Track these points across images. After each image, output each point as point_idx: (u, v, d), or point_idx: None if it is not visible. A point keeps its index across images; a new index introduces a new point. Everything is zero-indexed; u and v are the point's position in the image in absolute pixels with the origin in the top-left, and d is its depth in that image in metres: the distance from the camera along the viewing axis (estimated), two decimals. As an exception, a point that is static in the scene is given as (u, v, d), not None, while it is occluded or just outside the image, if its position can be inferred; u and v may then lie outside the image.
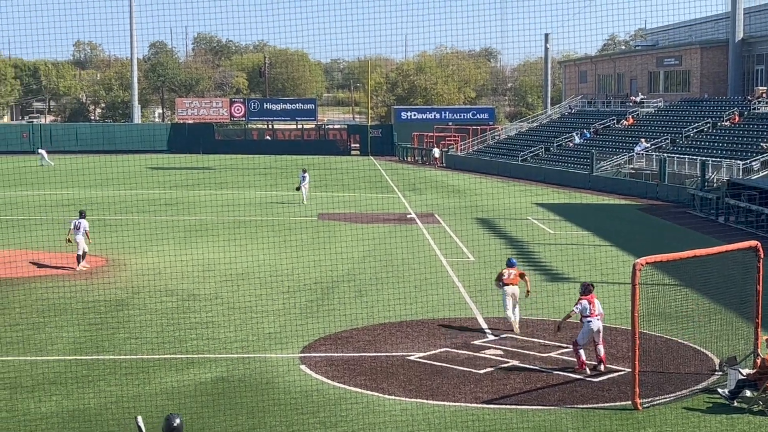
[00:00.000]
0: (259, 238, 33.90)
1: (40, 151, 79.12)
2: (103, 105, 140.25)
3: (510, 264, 21.06)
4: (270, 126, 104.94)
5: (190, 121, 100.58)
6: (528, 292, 20.95)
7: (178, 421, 10.38)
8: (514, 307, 20.40)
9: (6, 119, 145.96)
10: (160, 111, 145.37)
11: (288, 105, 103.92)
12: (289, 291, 24.73)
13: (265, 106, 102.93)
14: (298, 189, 47.21)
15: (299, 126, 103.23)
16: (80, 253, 27.87)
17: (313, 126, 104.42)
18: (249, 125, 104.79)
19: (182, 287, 25.09)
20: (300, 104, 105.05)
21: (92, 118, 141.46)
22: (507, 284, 20.36)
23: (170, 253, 29.72)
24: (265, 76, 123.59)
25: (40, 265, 28.38)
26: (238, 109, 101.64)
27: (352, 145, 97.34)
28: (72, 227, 28.17)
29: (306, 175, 47.21)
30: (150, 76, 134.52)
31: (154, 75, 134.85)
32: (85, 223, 28.08)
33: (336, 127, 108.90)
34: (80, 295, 23.94)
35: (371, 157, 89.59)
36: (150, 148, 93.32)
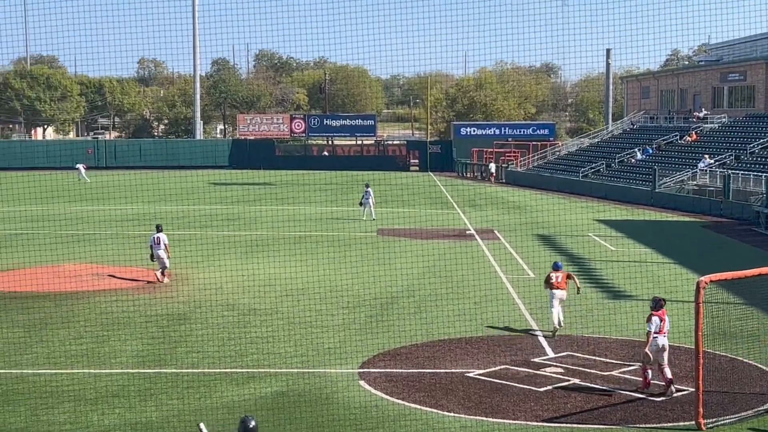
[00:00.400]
0: (318, 254, 34.08)
1: (77, 166, 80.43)
2: (166, 121, 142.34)
3: (556, 267, 22.04)
4: (330, 142, 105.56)
5: (251, 137, 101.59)
6: (579, 289, 22.36)
7: (253, 423, 10.71)
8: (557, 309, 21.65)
9: (72, 135, 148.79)
10: (222, 127, 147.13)
11: (348, 121, 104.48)
12: (348, 306, 24.78)
13: (325, 122, 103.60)
14: (361, 204, 47.16)
15: (359, 142, 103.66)
16: (164, 266, 28.32)
17: (373, 142, 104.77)
18: (309, 141, 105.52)
19: (243, 302, 25.29)
20: (360, 120, 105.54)
21: (155, 134, 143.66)
22: (555, 288, 21.47)
23: (231, 267, 30.00)
24: (325, 92, 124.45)
25: (118, 278, 28.79)
26: (298, 125, 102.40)
27: (412, 160, 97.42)
28: (152, 242, 28.48)
29: (369, 190, 47.08)
30: (212, 93, 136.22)
31: (216, 91, 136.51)
32: (164, 237, 28.43)
33: (395, 142, 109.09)
34: (143, 308, 24.27)
35: (430, 173, 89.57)
36: (212, 164, 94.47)
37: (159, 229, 28.80)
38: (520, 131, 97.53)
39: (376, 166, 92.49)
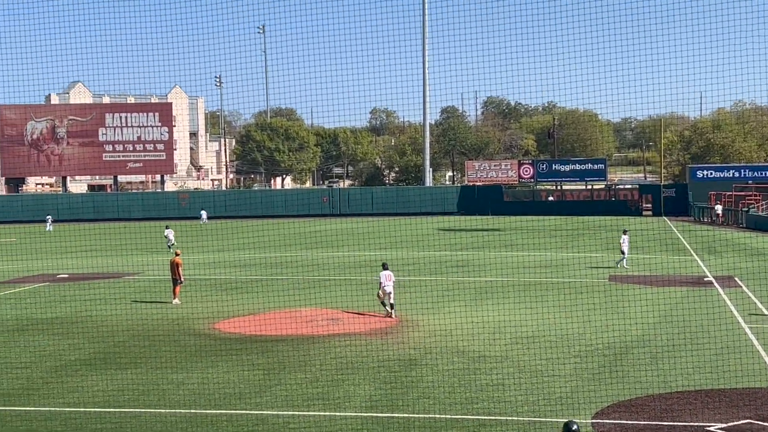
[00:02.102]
0: (548, 300, 33.62)
1: (202, 213, 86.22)
2: (396, 169, 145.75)
3: None
4: (558, 186, 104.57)
5: (479, 183, 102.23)
6: None
7: (575, 426, 11.23)
8: None
9: (308, 184, 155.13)
10: (451, 173, 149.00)
11: (577, 165, 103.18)
12: (579, 355, 24.24)
13: (553, 167, 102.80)
14: (622, 252, 44.94)
15: (588, 186, 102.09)
16: (392, 302, 30.02)
17: (603, 186, 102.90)
18: (537, 186, 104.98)
19: (472, 348, 25.27)
20: (589, 164, 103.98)
21: (386, 181, 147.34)
22: None
23: (460, 313, 30.09)
24: (553, 137, 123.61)
25: (352, 321, 29.61)
26: (526, 171, 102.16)
27: (644, 205, 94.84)
28: (383, 280, 30.05)
29: (626, 237, 45.07)
30: (441, 141, 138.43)
31: (445, 139, 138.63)
32: (392, 275, 30.34)
33: (627, 187, 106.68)
34: (375, 353, 24.71)
35: (664, 218, 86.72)
36: (440, 210, 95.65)
37: (385, 266, 30.50)
38: (762, 173, 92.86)
39: (606, 211, 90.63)
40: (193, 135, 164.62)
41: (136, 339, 27.39)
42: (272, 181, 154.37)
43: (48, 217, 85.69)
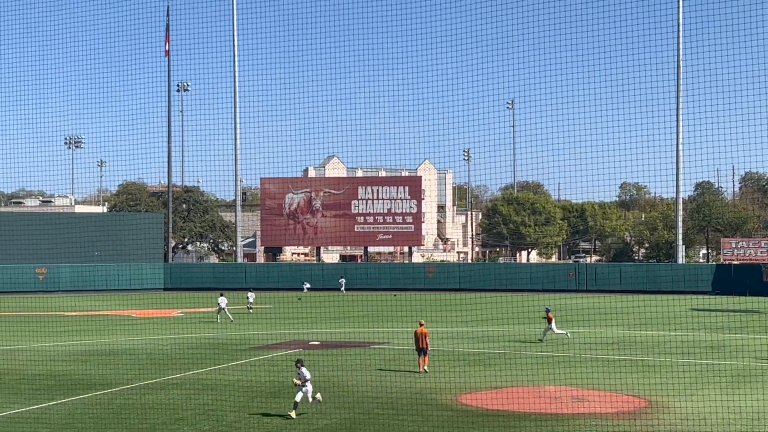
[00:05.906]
0: (814, 389, 31.28)
1: (305, 285, 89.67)
2: (646, 245, 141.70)
3: None
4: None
5: (736, 262, 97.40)
6: None
7: None
8: None
9: (554, 258, 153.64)
10: (705, 251, 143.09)
11: None
12: None
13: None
14: None
15: None
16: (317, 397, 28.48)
17: None
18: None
19: (728, 436, 23.85)
20: None
21: (636, 258, 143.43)
22: None
23: (715, 398, 28.54)
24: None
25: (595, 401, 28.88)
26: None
27: None
28: (308, 376, 27.62)
29: None
30: (695, 216, 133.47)
31: (699, 215, 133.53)
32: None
33: None
34: (622, 435, 23.84)
35: None
36: (693, 289, 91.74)
37: (302, 363, 27.81)
38: None
39: None
40: (441, 208, 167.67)
41: (382, 408, 27.85)
42: (517, 254, 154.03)
43: (341, 280, 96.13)
